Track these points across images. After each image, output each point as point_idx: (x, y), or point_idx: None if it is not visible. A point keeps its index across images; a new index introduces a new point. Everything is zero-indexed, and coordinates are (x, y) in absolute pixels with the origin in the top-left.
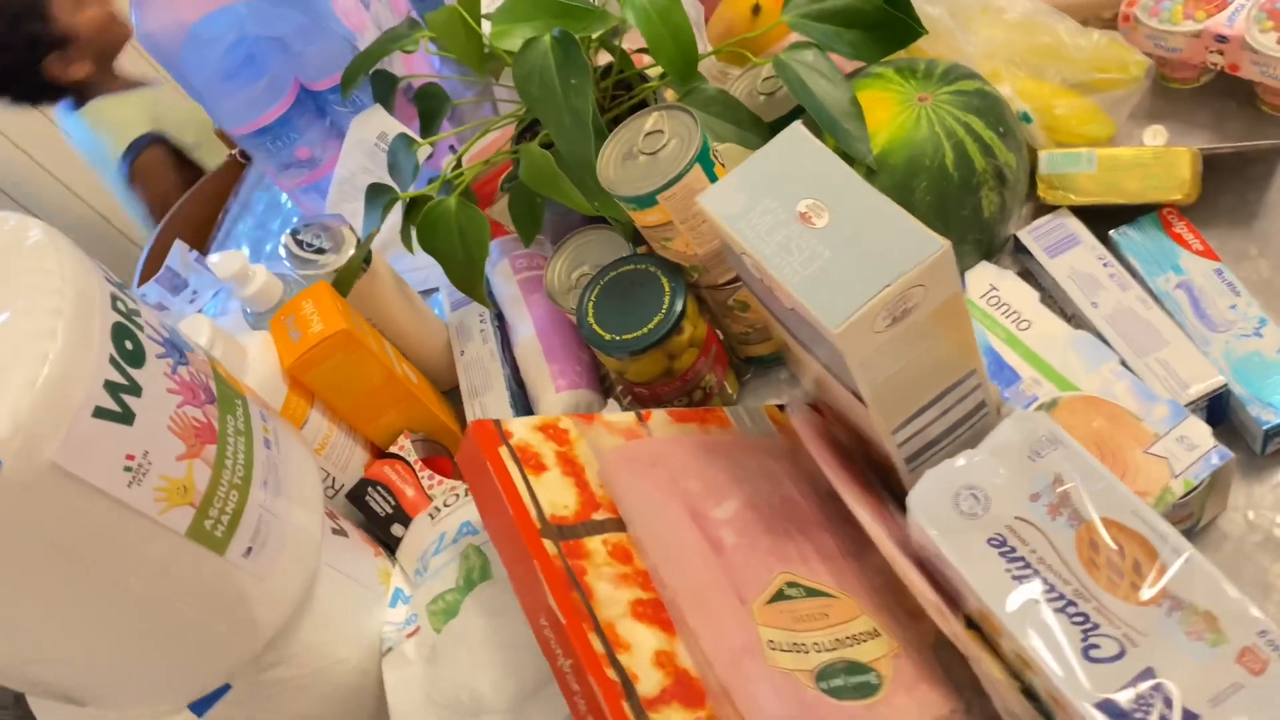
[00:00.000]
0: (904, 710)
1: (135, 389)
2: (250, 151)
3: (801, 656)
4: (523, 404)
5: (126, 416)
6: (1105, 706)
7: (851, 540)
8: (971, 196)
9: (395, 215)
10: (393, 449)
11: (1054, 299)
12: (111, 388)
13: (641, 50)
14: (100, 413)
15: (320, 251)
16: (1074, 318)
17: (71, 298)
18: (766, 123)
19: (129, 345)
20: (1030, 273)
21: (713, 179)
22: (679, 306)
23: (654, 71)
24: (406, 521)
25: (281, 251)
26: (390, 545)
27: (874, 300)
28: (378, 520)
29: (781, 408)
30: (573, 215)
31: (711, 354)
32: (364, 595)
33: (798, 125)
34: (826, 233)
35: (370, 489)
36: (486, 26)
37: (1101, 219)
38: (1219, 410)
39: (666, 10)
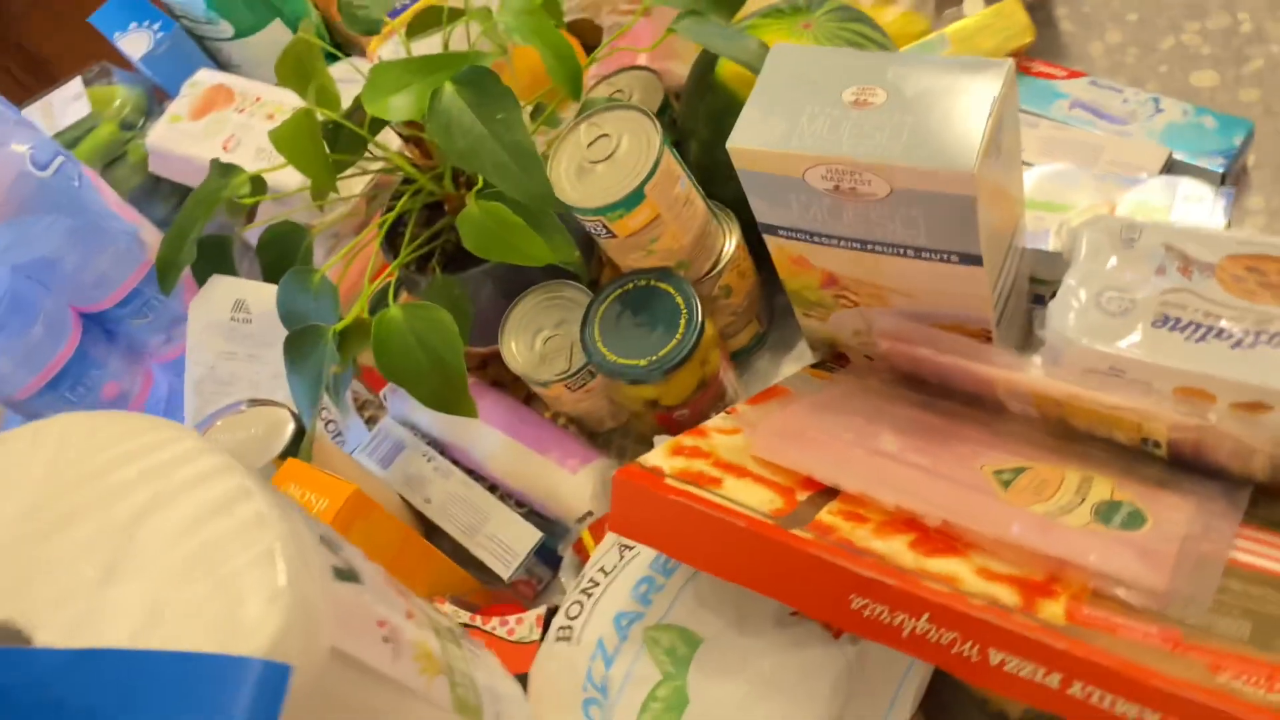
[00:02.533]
0: (1175, 521)
1: (336, 544)
2: (44, 415)
3: (1073, 515)
4: (536, 518)
5: (353, 573)
6: None
7: (981, 423)
8: None
9: None
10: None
11: None
12: (326, 543)
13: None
14: (340, 574)
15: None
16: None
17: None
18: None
19: None
20: None
21: (675, 156)
22: (696, 304)
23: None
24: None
25: None
26: None
27: (987, 128)
28: None
29: (817, 366)
30: (491, 297)
31: (721, 350)
32: None
33: (780, 44)
34: (892, 104)
35: None
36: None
37: None
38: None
39: (539, 26)
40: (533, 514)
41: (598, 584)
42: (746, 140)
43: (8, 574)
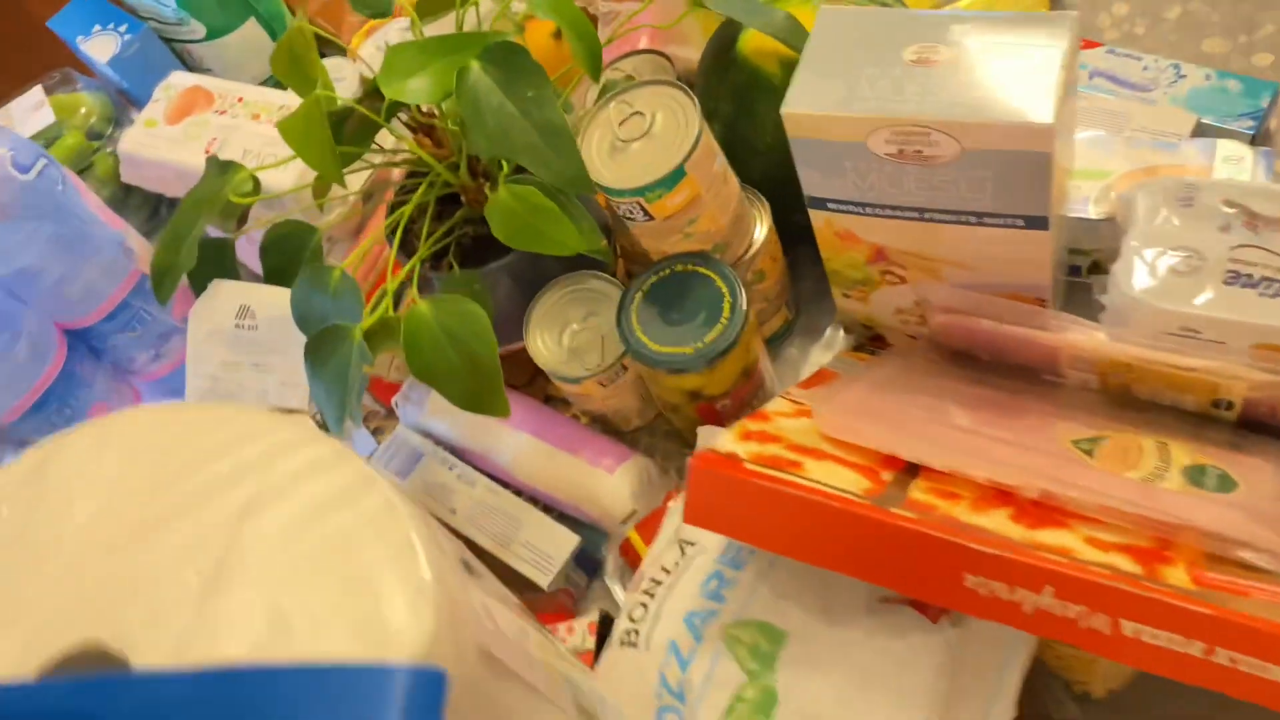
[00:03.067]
0: (1263, 482)
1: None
2: (28, 440)
3: (1166, 480)
4: (570, 520)
5: (472, 567)
6: None
7: (1041, 396)
8: None
9: None
10: None
11: None
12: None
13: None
14: (466, 566)
15: None
16: None
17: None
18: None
19: None
20: None
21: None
22: (740, 288)
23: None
24: None
25: None
26: None
27: (1060, 81)
28: None
29: (858, 348)
30: (509, 293)
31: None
32: None
33: (827, 6)
34: (957, 61)
35: None
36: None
37: None
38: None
39: (560, 5)
40: (564, 518)
41: (660, 583)
42: (804, 104)
43: (88, 589)
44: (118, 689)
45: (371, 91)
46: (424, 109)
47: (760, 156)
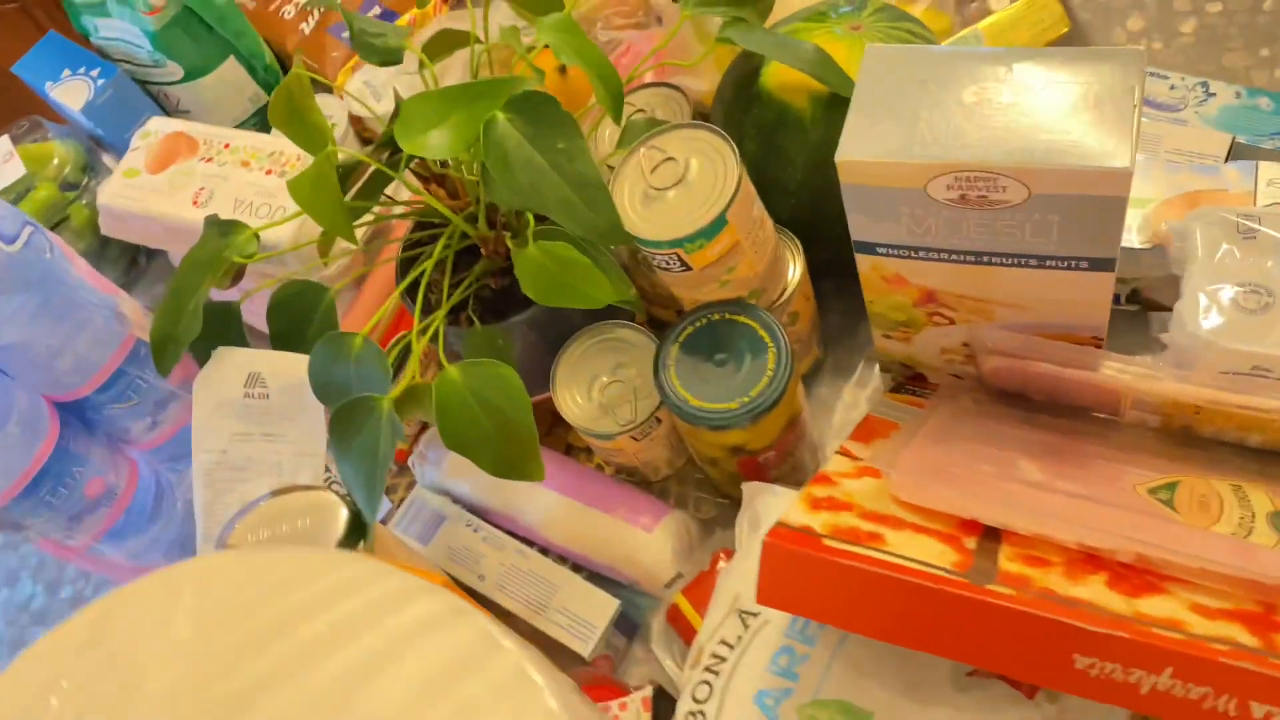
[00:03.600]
0: None
1: None
2: (22, 521)
3: (1256, 533)
4: (603, 580)
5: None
6: None
7: (1098, 436)
8: None
9: None
10: None
11: None
12: None
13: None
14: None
15: None
16: None
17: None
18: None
19: None
20: None
21: None
22: (783, 337)
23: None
24: None
25: None
26: None
27: (1135, 119)
28: None
29: (896, 389)
30: (531, 346)
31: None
32: None
33: (874, 45)
34: (1021, 102)
35: None
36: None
37: None
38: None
39: (582, 46)
40: (595, 576)
41: (723, 659)
42: (859, 152)
43: None
44: None
45: (384, 143)
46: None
47: (790, 196)
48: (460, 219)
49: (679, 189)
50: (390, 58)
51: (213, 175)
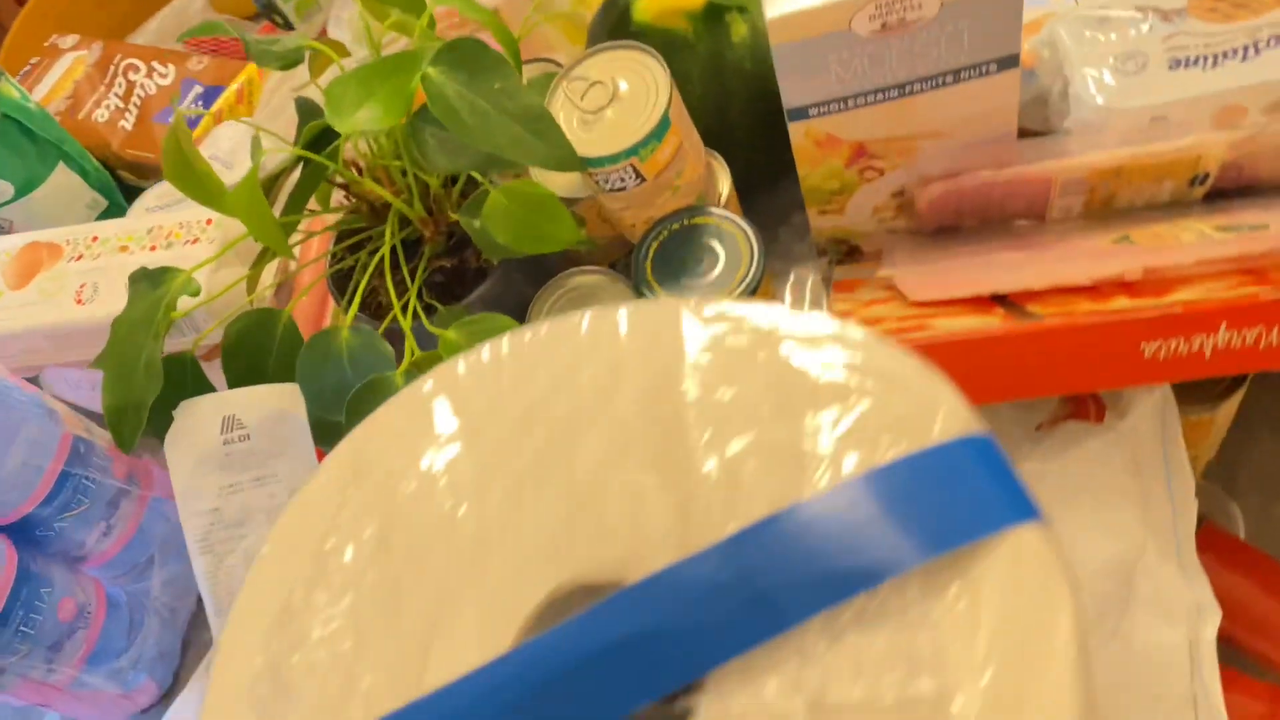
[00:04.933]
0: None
1: None
2: (1, 664)
3: (1219, 236)
4: None
5: None
6: None
7: (1035, 240)
8: None
9: None
10: None
11: None
12: None
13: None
14: None
15: None
16: None
17: None
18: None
19: None
20: None
21: None
22: (742, 220)
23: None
24: None
25: None
26: None
27: None
28: None
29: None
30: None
31: None
32: None
33: None
34: None
35: None
36: None
37: None
38: None
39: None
40: None
41: None
42: (787, 5)
43: None
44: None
45: (307, 144)
46: (363, 147)
47: (696, 114)
48: (400, 202)
49: (614, 106)
50: (291, 59)
51: (90, 270)
